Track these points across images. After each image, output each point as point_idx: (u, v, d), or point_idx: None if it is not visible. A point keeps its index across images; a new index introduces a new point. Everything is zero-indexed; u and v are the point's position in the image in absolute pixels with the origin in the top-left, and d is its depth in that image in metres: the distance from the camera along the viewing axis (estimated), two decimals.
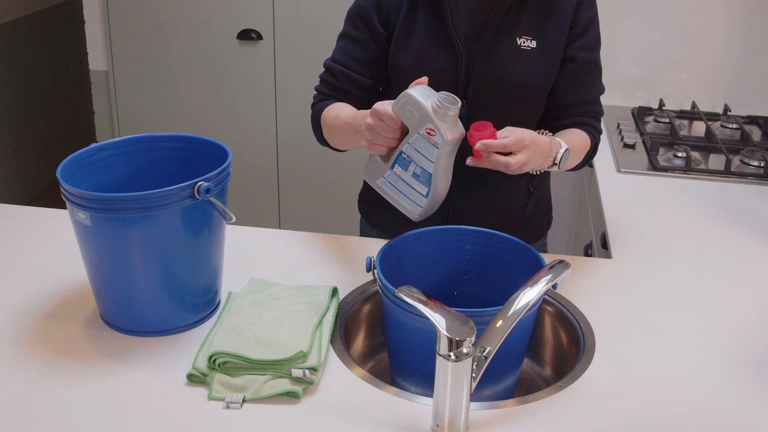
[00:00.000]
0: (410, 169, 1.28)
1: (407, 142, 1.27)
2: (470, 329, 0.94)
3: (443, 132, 1.23)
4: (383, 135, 1.28)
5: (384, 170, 1.32)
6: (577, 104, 1.50)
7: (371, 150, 1.31)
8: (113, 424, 1.02)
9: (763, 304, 1.36)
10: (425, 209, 1.32)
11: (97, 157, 1.27)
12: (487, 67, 1.41)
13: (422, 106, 1.22)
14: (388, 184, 1.33)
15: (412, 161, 1.27)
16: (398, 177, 1.30)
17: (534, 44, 1.41)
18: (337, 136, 1.47)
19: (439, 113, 1.23)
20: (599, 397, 1.10)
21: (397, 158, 1.29)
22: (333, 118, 1.45)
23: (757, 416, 1.08)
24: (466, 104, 1.43)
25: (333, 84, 1.50)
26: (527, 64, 1.41)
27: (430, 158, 1.26)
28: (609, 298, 1.36)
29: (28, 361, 1.14)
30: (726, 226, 1.69)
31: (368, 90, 1.51)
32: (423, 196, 1.30)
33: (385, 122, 1.26)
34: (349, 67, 1.49)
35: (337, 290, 1.30)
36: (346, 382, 1.12)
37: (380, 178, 1.33)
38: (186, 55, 2.97)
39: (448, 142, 1.24)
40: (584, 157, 1.50)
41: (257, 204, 3.14)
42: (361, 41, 1.48)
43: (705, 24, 2.50)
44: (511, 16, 1.40)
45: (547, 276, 1.04)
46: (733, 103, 2.53)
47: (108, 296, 1.21)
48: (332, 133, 1.48)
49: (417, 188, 1.30)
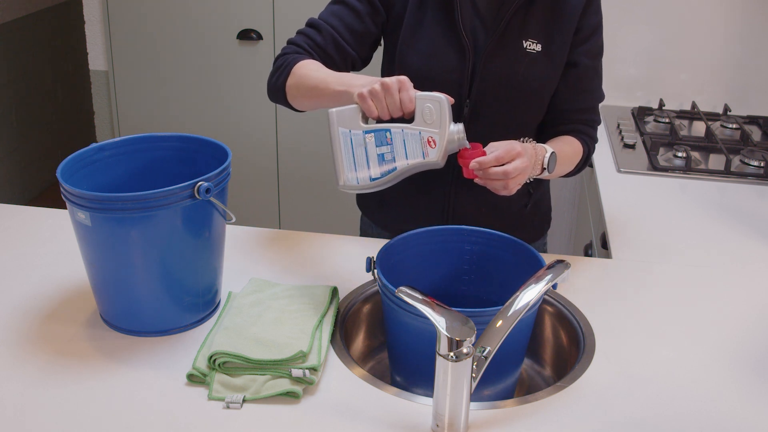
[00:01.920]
0: (382, 149, 1.22)
1: (402, 128, 1.21)
2: (470, 329, 0.94)
3: (440, 153, 1.20)
4: (384, 102, 1.21)
5: (356, 126, 1.23)
6: (574, 111, 1.50)
7: (363, 104, 1.22)
8: (113, 424, 1.02)
9: (763, 304, 1.36)
10: (357, 187, 1.24)
11: (97, 157, 1.27)
12: (492, 68, 1.41)
13: (447, 120, 1.19)
14: (347, 139, 1.23)
15: (390, 144, 1.21)
16: (363, 143, 1.22)
17: (539, 48, 1.41)
18: (310, 91, 1.35)
19: (452, 140, 1.20)
20: (599, 397, 1.10)
21: (378, 130, 1.22)
22: (314, 69, 1.36)
23: (757, 416, 1.08)
24: (469, 104, 1.43)
25: (317, 42, 1.43)
26: (532, 67, 1.41)
27: (408, 158, 1.22)
28: (609, 298, 1.36)
29: (28, 361, 1.14)
30: (726, 226, 1.69)
31: (349, 62, 1.46)
32: (368, 177, 1.23)
33: (400, 96, 1.20)
34: (339, 32, 1.44)
35: (337, 290, 1.30)
36: (346, 382, 1.11)
37: (346, 128, 1.24)
38: (186, 55, 2.97)
39: (435, 162, 1.21)
40: (576, 166, 1.50)
41: (257, 204, 3.14)
42: (359, 13, 1.44)
43: (705, 24, 2.50)
44: (518, 18, 1.40)
45: (547, 276, 1.04)
46: (733, 103, 2.53)
47: (108, 296, 1.21)
48: (305, 85, 1.36)
49: (371, 167, 1.23)
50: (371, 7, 1.44)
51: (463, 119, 1.43)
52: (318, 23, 1.45)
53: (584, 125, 1.51)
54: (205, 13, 2.90)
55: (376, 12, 1.45)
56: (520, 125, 1.47)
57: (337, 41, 1.43)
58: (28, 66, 3.89)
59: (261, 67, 2.93)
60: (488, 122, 1.44)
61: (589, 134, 1.51)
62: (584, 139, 1.50)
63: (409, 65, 1.43)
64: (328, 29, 1.44)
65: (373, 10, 1.45)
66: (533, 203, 1.57)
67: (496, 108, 1.43)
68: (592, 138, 1.52)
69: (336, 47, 1.44)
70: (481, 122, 1.43)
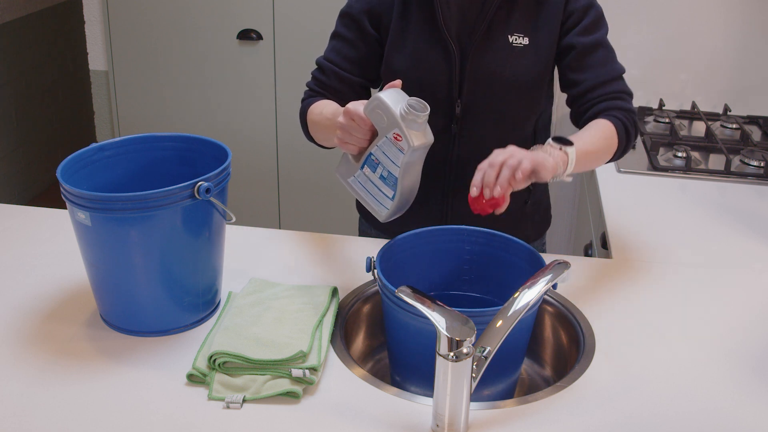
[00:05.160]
0: (378, 172, 1.28)
1: (376, 144, 1.25)
2: (470, 329, 0.94)
3: (409, 138, 1.21)
4: (354, 135, 1.26)
5: (354, 169, 1.30)
6: (592, 89, 1.42)
7: (343, 148, 1.29)
8: (113, 424, 1.02)
9: (763, 304, 1.36)
10: (391, 211, 1.30)
11: (97, 157, 1.27)
12: (480, 65, 1.41)
13: (390, 111, 1.21)
14: (358, 184, 1.31)
15: (380, 164, 1.26)
16: (367, 178, 1.29)
17: (527, 41, 1.41)
18: (320, 132, 1.46)
19: (407, 119, 1.20)
20: (599, 397, 1.10)
21: (366, 159, 1.28)
22: (317, 114, 1.45)
23: (756, 416, 1.08)
24: (461, 104, 1.43)
25: (323, 81, 1.51)
26: (520, 61, 1.41)
27: (396, 163, 1.24)
28: (609, 298, 1.36)
29: (28, 361, 1.14)
30: (726, 226, 1.69)
31: (357, 89, 1.51)
32: (389, 199, 1.28)
33: (356, 122, 1.24)
34: (340, 65, 1.49)
35: (337, 290, 1.31)
36: (346, 382, 1.12)
37: (351, 177, 1.32)
38: (186, 55, 2.97)
39: (414, 148, 1.21)
40: (618, 146, 1.40)
41: (257, 204, 3.14)
42: (351, 41, 1.48)
43: (705, 24, 2.50)
44: (501, 14, 1.40)
45: (547, 276, 1.04)
46: (733, 103, 2.53)
47: (108, 296, 1.21)
48: (315, 128, 1.47)
49: (384, 191, 1.29)
50: (360, 32, 1.48)
51: (456, 118, 1.44)
52: (321, 63, 1.52)
53: (610, 100, 1.42)
54: (205, 13, 2.90)
55: (366, 34, 1.47)
56: (514, 120, 1.47)
57: (340, 75, 1.49)
58: (28, 66, 3.89)
59: (261, 67, 2.94)
60: (481, 119, 1.44)
61: (618, 107, 1.41)
62: (615, 115, 1.40)
63: (396, 69, 1.44)
64: (330, 66, 1.50)
65: (362, 34, 1.47)
66: (533, 202, 1.57)
67: (488, 105, 1.43)
68: (624, 109, 1.41)
69: (340, 81, 1.49)
70: (474, 120, 1.44)
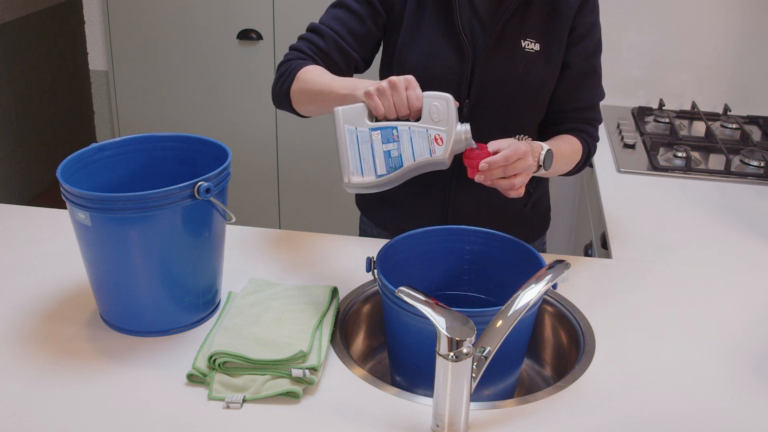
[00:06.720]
0: (389, 147, 1.21)
1: (410, 125, 1.21)
2: (470, 329, 0.94)
3: (447, 151, 1.20)
4: (391, 100, 1.21)
5: (362, 123, 1.23)
6: (571, 110, 1.50)
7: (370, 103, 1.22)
8: (113, 424, 1.02)
9: (763, 304, 1.36)
10: (364, 185, 1.23)
11: (97, 157, 1.27)
12: (491, 68, 1.41)
13: (454, 118, 1.19)
14: (353, 136, 1.23)
15: (397, 142, 1.21)
16: (370, 140, 1.22)
17: (538, 47, 1.41)
18: (315, 94, 1.35)
19: (458, 137, 1.20)
20: (599, 397, 1.10)
21: (384, 127, 1.22)
22: (318, 75, 1.36)
23: (757, 416, 1.08)
24: (468, 104, 1.43)
25: (319, 46, 1.43)
26: (530, 67, 1.41)
27: (415, 155, 1.21)
28: (609, 298, 1.36)
29: (28, 361, 1.14)
30: (726, 226, 1.69)
31: (351, 65, 1.46)
32: (374, 174, 1.22)
33: (408, 94, 1.20)
34: (342, 35, 1.43)
35: (337, 290, 1.31)
36: (346, 382, 1.12)
37: (352, 126, 1.23)
38: (186, 55, 2.97)
39: (442, 160, 1.21)
40: (576, 164, 1.49)
41: (257, 204, 3.14)
42: (360, 15, 1.44)
43: (705, 24, 2.50)
44: (516, 18, 1.40)
45: (547, 276, 1.04)
46: (733, 103, 2.53)
47: (108, 296, 1.21)
48: (307, 92, 1.37)
49: (377, 164, 1.22)
50: (372, 9, 1.44)
51: (463, 118, 1.43)
52: (320, 28, 1.45)
53: (583, 124, 1.51)
54: (205, 13, 2.90)
55: (377, 14, 1.45)
56: (520, 124, 1.47)
57: (340, 45, 1.43)
58: (28, 66, 3.89)
59: (261, 67, 2.94)
60: (488, 122, 1.44)
61: (588, 132, 1.51)
62: (584, 137, 1.50)
63: (408, 66, 1.43)
64: (331, 33, 1.43)
65: (373, 12, 1.44)
66: (533, 203, 1.57)
67: (495, 108, 1.43)
68: (593, 136, 1.52)
69: (339, 51, 1.43)
70: (480, 122, 1.43)
